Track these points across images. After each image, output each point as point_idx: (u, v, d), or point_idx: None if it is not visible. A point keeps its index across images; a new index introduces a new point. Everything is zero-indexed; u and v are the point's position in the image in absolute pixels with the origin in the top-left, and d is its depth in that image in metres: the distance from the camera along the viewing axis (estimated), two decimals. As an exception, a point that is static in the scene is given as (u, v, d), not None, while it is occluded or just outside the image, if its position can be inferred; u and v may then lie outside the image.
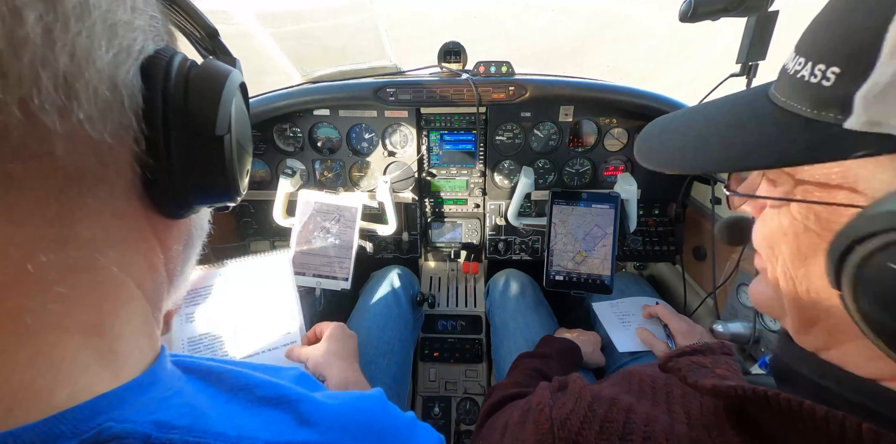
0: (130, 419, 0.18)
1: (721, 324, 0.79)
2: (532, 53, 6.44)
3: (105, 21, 0.18)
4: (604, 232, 0.95)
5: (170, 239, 0.24)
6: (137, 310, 0.22)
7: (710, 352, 0.37)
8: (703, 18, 0.69)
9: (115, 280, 0.21)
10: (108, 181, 0.19)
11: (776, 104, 0.27)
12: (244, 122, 0.27)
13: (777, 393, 0.26)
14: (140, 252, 0.22)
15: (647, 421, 0.34)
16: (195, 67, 0.23)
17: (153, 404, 0.20)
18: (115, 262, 0.20)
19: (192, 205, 0.24)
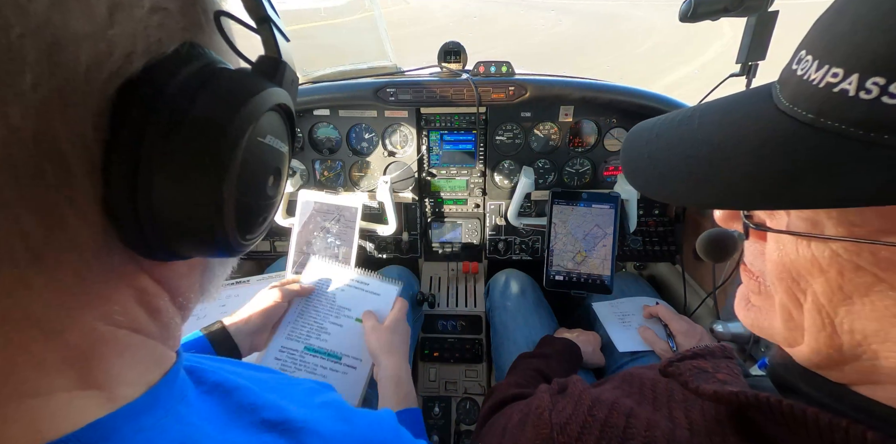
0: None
1: (721, 324, 0.79)
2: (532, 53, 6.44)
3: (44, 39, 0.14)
4: (604, 232, 0.95)
5: (175, 278, 0.22)
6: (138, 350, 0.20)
7: (710, 356, 0.37)
8: (703, 18, 0.69)
9: (100, 335, 0.18)
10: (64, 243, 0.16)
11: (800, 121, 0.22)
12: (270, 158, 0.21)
13: (780, 400, 0.26)
14: (131, 302, 0.19)
15: (648, 426, 0.34)
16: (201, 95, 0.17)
17: (148, 432, 0.18)
18: (96, 319, 0.18)
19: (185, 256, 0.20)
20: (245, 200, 0.20)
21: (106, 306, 0.18)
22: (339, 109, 1.03)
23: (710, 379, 0.33)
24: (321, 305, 0.79)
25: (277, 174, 0.23)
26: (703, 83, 0.85)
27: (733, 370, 0.35)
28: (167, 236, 0.18)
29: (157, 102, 0.17)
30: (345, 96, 0.98)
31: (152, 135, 0.16)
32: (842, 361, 0.25)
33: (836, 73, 0.20)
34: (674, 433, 0.32)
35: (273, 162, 0.22)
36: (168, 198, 0.17)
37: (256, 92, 0.19)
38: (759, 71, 0.74)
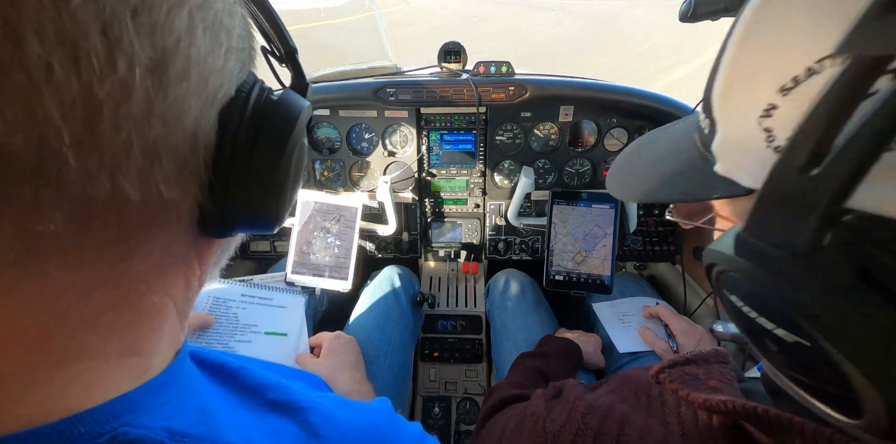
0: (144, 424, 0.19)
1: (721, 324, 0.79)
2: (532, 53, 6.44)
3: (201, 75, 0.18)
4: (604, 232, 0.95)
5: (207, 256, 0.25)
6: (171, 324, 0.23)
7: (704, 362, 0.37)
8: (703, 18, 0.69)
9: (156, 307, 0.21)
10: (169, 224, 0.20)
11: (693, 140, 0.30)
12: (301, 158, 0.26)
13: (767, 409, 0.26)
14: (181, 275, 0.23)
15: (642, 433, 0.34)
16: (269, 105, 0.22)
17: (168, 408, 0.20)
18: (159, 290, 0.21)
19: (236, 232, 0.24)
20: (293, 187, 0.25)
21: (169, 278, 0.21)
22: (339, 109, 1.03)
23: (702, 386, 0.33)
24: (221, 327, 0.78)
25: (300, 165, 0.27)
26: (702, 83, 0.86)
27: (726, 375, 0.35)
28: (240, 219, 0.22)
29: (242, 114, 0.21)
30: (345, 96, 0.98)
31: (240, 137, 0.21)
32: None
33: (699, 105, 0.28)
34: (667, 440, 0.32)
35: (303, 159, 0.27)
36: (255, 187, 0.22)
37: (301, 108, 0.24)
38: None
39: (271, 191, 0.22)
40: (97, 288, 0.18)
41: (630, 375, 0.43)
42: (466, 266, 1.15)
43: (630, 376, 0.43)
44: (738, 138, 0.23)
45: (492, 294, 1.06)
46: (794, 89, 0.19)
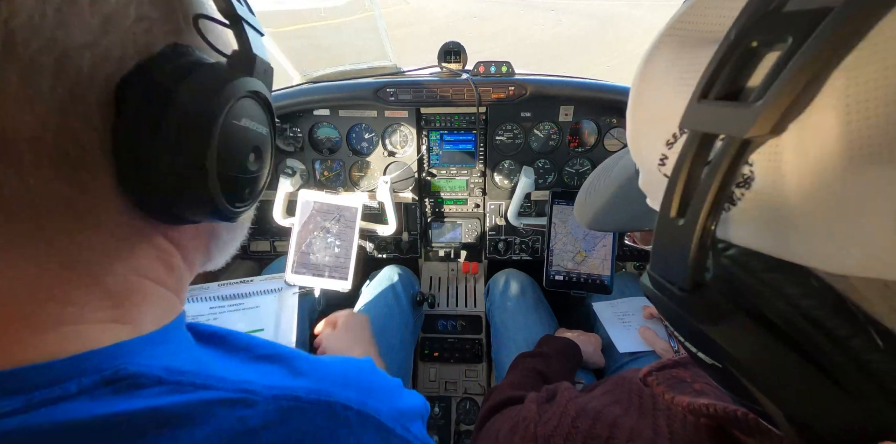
0: (144, 363, 0.21)
1: (721, 324, 0.79)
2: (532, 53, 6.44)
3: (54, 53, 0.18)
4: (604, 232, 0.95)
5: (186, 240, 0.26)
6: (159, 298, 0.25)
7: (692, 365, 0.37)
8: (703, 18, 0.69)
9: (130, 286, 0.23)
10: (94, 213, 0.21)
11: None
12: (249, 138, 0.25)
13: (746, 413, 0.27)
14: (153, 258, 0.24)
15: (631, 436, 0.34)
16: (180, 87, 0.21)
17: (164, 354, 0.23)
18: (128, 271, 0.23)
19: (188, 220, 0.24)
20: (227, 172, 0.24)
21: (134, 260, 0.23)
22: (339, 109, 1.03)
23: (687, 390, 0.33)
24: None
25: (258, 152, 0.27)
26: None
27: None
28: (167, 201, 0.22)
29: (148, 94, 0.20)
30: (345, 96, 0.98)
31: (146, 120, 0.20)
32: None
33: None
34: (655, 443, 0.33)
35: (252, 141, 0.26)
36: (163, 170, 0.21)
37: (228, 81, 0.22)
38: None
39: (187, 172, 0.21)
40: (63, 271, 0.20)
41: (625, 376, 0.43)
42: (466, 266, 1.15)
43: (625, 377, 0.43)
44: (649, 180, 0.25)
45: (492, 294, 1.06)
46: (675, 144, 0.21)
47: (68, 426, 0.18)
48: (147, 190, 0.21)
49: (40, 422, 0.18)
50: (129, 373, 0.20)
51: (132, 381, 0.20)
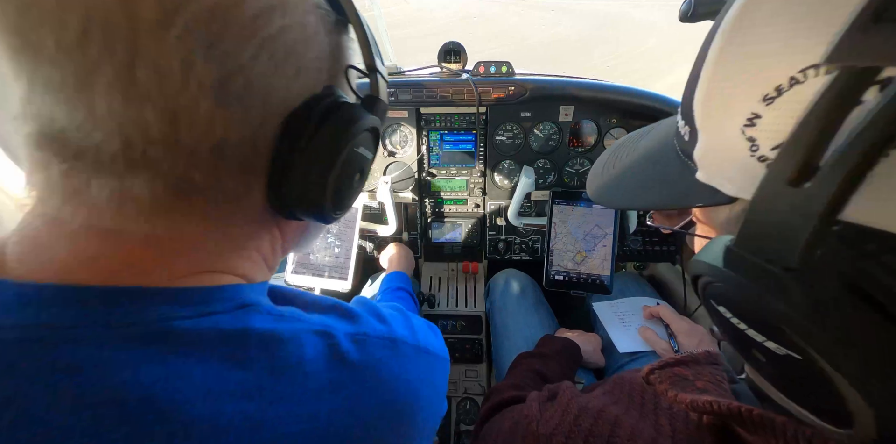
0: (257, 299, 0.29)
1: (721, 324, 0.79)
2: (532, 53, 6.44)
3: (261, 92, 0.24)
4: (604, 232, 0.95)
5: (289, 232, 0.34)
6: (261, 268, 0.32)
7: (694, 363, 0.37)
8: (704, 18, 0.69)
9: (252, 257, 0.31)
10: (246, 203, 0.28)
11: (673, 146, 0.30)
12: (359, 162, 0.32)
13: (750, 409, 0.27)
14: (267, 240, 0.32)
15: (632, 435, 0.34)
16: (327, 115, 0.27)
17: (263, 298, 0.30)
18: (253, 247, 0.31)
19: (302, 217, 0.31)
20: (339, 187, 0.30)
21: (258, 241, 0.31)
22: (339, 109, 1.03)
23: (689, 387, 0.33)
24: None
25: (363, 172, 0.34)
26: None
27: (716, 376, 0.35)
28: (294, 203, 0.29)
29: (306, 123, 0.27)
30: (345, 96, 0.98)
31: (298, 143, 0.27)
32: None
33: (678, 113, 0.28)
34: (657, 442, 0.33)
35: (361, 165, 0.33)
36: (297, 180, 0.28)
37: (360, 119, 0.29)
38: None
39: (315, 185, 0.28)
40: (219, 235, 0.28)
41: (624, 377, 0.43)
42: (466, 266, 1.15)
43: (624, 378, 0.43)
44: (721, 147, 0.23)
45: (492, 294, 1.06)
46: (777, 99, 0.19)
47: (218, 332, 0.25)
48: (283, 193, 0.28)
49: (202, 326, 0.25)
50: (252, 301, 0.28)
51: (255, 307, 0.28)
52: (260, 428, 0.24)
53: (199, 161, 0.24)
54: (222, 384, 0.24)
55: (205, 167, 0.24)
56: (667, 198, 0.29)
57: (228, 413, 0.23)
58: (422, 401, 0.34)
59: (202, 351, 0.24)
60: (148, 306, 0.24)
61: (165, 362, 0.23)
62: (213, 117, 0.23)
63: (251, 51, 0.23)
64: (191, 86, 0.22)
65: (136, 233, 0.25)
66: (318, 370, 0.28)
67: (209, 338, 0.25)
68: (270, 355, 0.26)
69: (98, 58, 0.20)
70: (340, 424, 0.27)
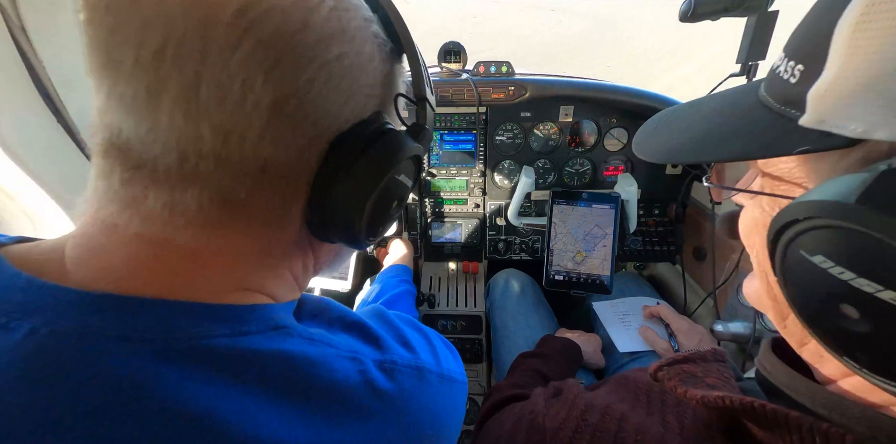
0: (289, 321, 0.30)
1: (721, 324, 0.79)
2: (532, 53, 6.44)
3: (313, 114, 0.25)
4: (604, 232, 0.95)
5: (321, 254, 0.35)
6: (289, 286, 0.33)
7: (701, 360, 0.37)
8: (703, 18, 0.69)
9: (283, 274, 0.31)
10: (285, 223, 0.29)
11: (758, 98, 0.28)
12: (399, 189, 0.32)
13: (763, 404, 0.26)
14: (300, 260, 0.33)
15: (639, 431, 0.34)
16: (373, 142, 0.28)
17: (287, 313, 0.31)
18: (286, 267, 0.31)
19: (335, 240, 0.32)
20: (376, 213, 0.30)
21: (292, 260, 0.32)
22: (339, 108, 1.03)
23: (699, 384, 0.33)
24: None
25: (401, 200, 0.34)
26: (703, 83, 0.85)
27: (723, 373, 0.35)
28: (331, 226, 0.29)
29: (351, 147, 0.27)
30: (345, 96, 0.98)
31: (342, 166, 0.27)
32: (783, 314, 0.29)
33: (780, 56, 0.26)
34: (664, 438, 0.33)
35: (400, 192, 0.32)
36: (337, 203, 0.28)
37: (404, 146, 0.29)
38: (759, 71, 0.74)
39: (353, 209, 0.28)
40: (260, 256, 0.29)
41: (628, 375, 0.43)
42: (466, 266, 1.15)
43: (628, 376, 0.43)
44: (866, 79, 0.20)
45: (492, 294, 1.06)
46: None
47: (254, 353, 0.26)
48: (321, 215, 0.28)
49: (239, 346, 0.25)
50: (284, 323, 0.29)
51: (287, 330, 0.28)
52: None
53: (245, 178, 0.25)
54: (256, 403, 0.24)
55: (250, 184, 0.25)
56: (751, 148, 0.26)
57: (263, 436, 0.24)
58: (446, 431, 0.34)
59: (239, 371, 0.25)
60: (192, 321, 0.25)
61: (208, 380, 0.24)
62: (264, 137, 0.24)
63: (309, 74, 0.24)
64: (247, 105, 0.23)
65: (183, 243, 0.26)
66: (350, 397, 0.28)
67: (246, 358, 0.25)
68: (302, 378, 0.27)
69: (167, 75, 0.21)
70: None
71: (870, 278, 0.19)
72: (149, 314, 0.24)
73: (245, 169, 0.24)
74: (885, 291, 0.18)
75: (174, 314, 0.24)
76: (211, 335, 0.25)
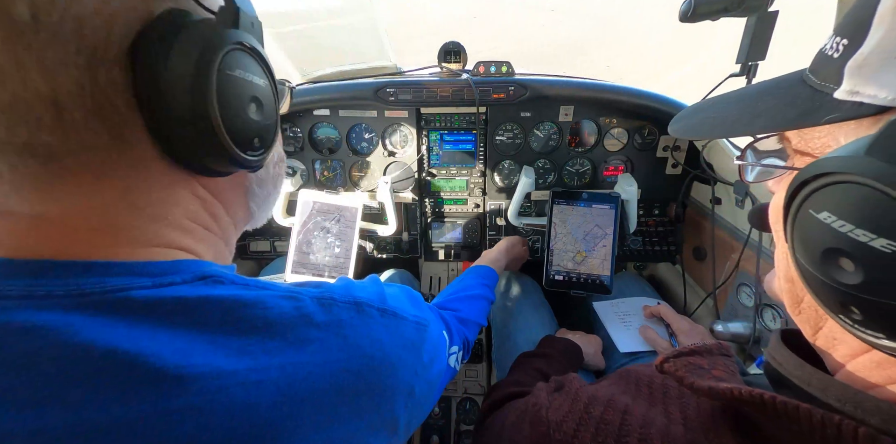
0: (220, 271, 0.29)
1: (721, 324, 0.79)
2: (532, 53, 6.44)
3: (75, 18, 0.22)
4: (604, 232, 0.95)
5: (223, 193, 0.32)
6: (212, 243, 0.32)
7: (707, 353, 0.37)
8: (703, 18, 0.69)
9: (187, 226, 0.30)
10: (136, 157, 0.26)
11: (801, 78, 0.28)
12: (244, 88, 0.28)
13: (773, 396, 0.26)
14: (194, 204, 0.30)
15: (644, 423, 0.34)
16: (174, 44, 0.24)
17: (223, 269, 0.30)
18: (182, 214, 0.29)
19: (213, 170, 0.29)
20: (231, 121, 0.27)
21: (183, 206, 0.29)
22: (339, 109, 1.03)
23: (706, 376, 0.33)
24: None
25: (258, 102, 0.30)
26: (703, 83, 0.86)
27: (729, 367, 0.35)
28: (187, 149, 0.27)
29: (152, 52, 0.24)
30: (345, 96, 0.98)
31: (153, 76, 0.24)
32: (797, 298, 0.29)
33: (829, 35, 0.26)
34: (669, 430, 0.32)
35: (249, 91, 0.29)
36: (175, 120, 0.25)
37: (213, 33, 0.26)
38: (760, 71, 0.74)
39: (199, 121, 0.26)
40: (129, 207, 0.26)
41: (629, 369, 0.43)
42: (466, 266, 1.15)
43: (630, 370, 0.43)
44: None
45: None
46: None
47: (179, 299, 0.25)
48: (168, 139, 0.26)
49: (162, 295, 0.25)
50: (213, 273, 0.28)
51: (216, 278, 0.28)
52: (225, 377, 0.24)
53: (41, 121, 0.22)
54: (187, 342, 0.25)
55: (52, 126, 0.22)
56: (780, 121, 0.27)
57: (198, 365, 0.24)
58: (393, 359, 0.34)
59: (164, 317, 0.25)
60: (104, 277, 0.24)
61: (129, 325, 0.23)
62: (24, 64, 0.21)
63: None
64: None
65: (28, 212, 0.24)
66: (284, 329, 0.28)
67: (170, 305, 0.25)
68: (235, 318, 0.27)
69: None
70: (305, 374, 0.27)
71: (865, 228, 0.20)
72: (51, 275, 0.23)
73: (33, 110, 0.21)
74: (878, 239, 0.19)
75: (82, 273, 0.24)
76: (128, 288, 0.24)
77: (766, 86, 0.32)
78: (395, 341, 0.35)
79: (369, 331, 0.33)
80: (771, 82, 0.33)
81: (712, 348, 0.37)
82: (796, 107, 0.26)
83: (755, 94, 0.32)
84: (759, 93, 0.31)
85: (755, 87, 0.33)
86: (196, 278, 0.27)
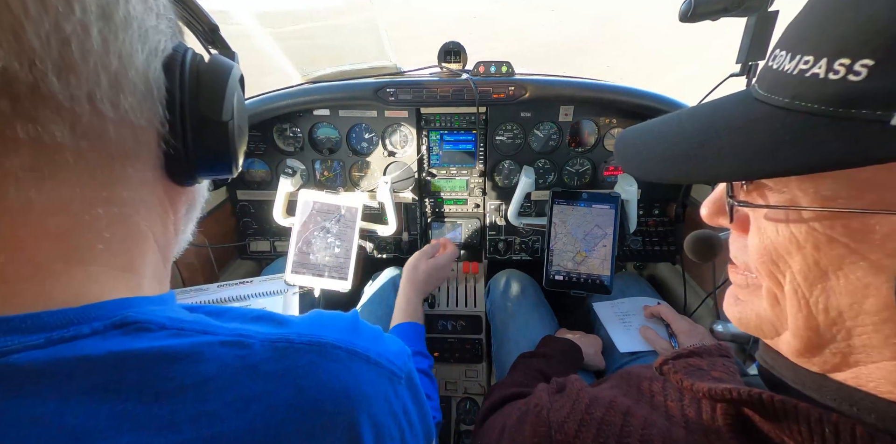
0: (149, 313, 0.25)
1: (721, 324, 0.79)
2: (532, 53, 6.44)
3: (140, 28, 0.24)
4: (604, 232, 0.95)
5: (178, 203, 0.31)
6: (154, 258, 0.29)
7: (706, 354, 0.37)
8: (703, 18, 0.69)
9: (142, 233, 0.27)
10: (141, 156, 0.26)
11: (776, 106, 0.24)
12: (243, 110, 0.32)
13: (772, 395, 0.26)
14: (157, 213, 0.29)
15: (645, 424, 0.34)
16: (203, 63, 0.28)
17: (166, 310, 0.26)
18: (143, 219, 0.27)
19: (198, 176, 0.30)
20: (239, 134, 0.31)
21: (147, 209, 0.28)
22: (339, 109, 1.03)
23: (705, 377, 0.33)
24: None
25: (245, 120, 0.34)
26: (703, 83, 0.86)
27: (729, 368, 0.35)
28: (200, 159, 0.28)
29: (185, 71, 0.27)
30: (345, 96, 0.98)
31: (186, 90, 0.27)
32: (820, 344, 0.26)
33: (806, 60, 0.23)
34: (670, 431, 0.32)
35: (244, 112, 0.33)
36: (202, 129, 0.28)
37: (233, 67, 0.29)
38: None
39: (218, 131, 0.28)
40: (97, 204, 0.24)
41: (630, 371, 0.43)
42: (466, 266, 1.15)
43: (630, 372, 0.43)
44: None
45: (492, 294, 1.06)
46: None
47: (82, 359, 0.21)
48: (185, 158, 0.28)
49: (57, 356, 0.21)
50: (136, 319, 0.24)
51: (139, 326, 0.24)
52: None
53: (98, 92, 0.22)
54: (89, 418, 0.20)
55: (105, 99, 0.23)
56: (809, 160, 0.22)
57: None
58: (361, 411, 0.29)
59: (60, 386, 0.20)
60: None
61: (5, 405, 0.19)
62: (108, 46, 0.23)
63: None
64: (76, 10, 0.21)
65: None
66: (221, 387, 0.24)
67: (69, 369, 0.21)
68: (154, 378, 0.22)
69: None
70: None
71: None
72: None
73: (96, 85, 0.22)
74: None
75: None
76: (12, 351, 0.20)
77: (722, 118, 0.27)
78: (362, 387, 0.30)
79: (331, 378, 0.28)
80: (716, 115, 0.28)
81: (711, 350, 0.37)
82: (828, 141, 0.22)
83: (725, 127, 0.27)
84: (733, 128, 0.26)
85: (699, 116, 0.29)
86: (112, 326, 0.23)
